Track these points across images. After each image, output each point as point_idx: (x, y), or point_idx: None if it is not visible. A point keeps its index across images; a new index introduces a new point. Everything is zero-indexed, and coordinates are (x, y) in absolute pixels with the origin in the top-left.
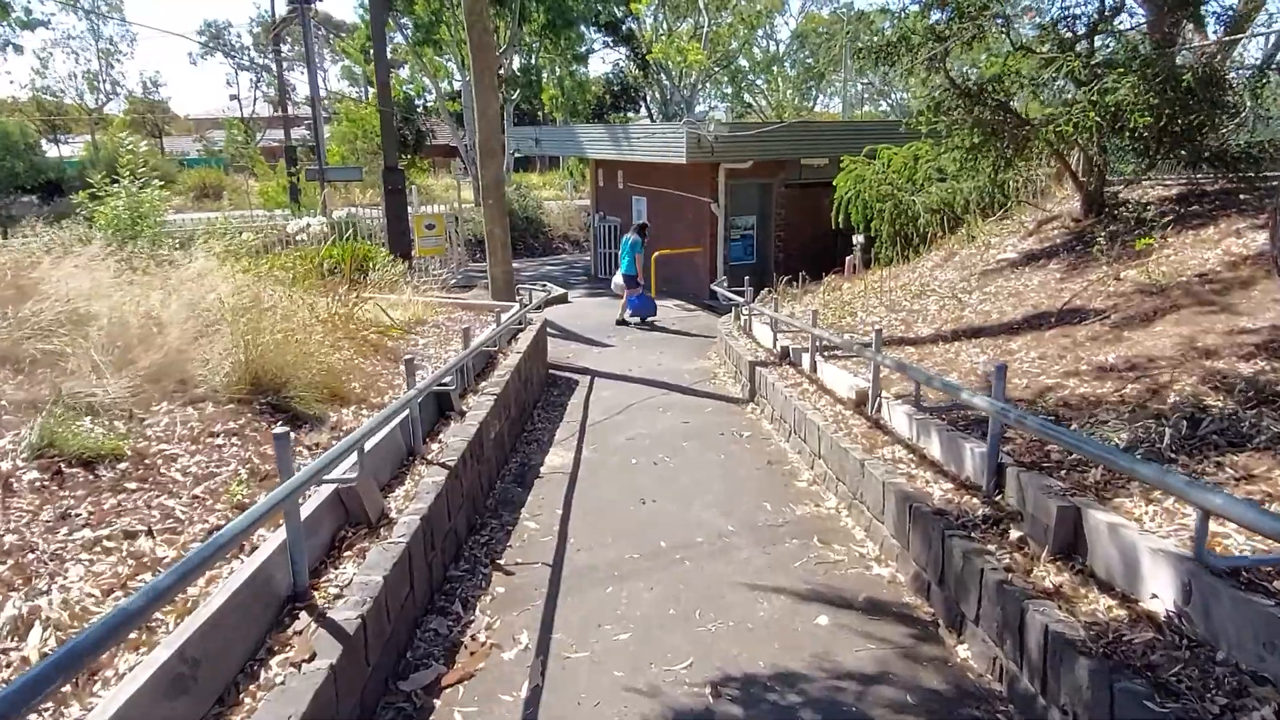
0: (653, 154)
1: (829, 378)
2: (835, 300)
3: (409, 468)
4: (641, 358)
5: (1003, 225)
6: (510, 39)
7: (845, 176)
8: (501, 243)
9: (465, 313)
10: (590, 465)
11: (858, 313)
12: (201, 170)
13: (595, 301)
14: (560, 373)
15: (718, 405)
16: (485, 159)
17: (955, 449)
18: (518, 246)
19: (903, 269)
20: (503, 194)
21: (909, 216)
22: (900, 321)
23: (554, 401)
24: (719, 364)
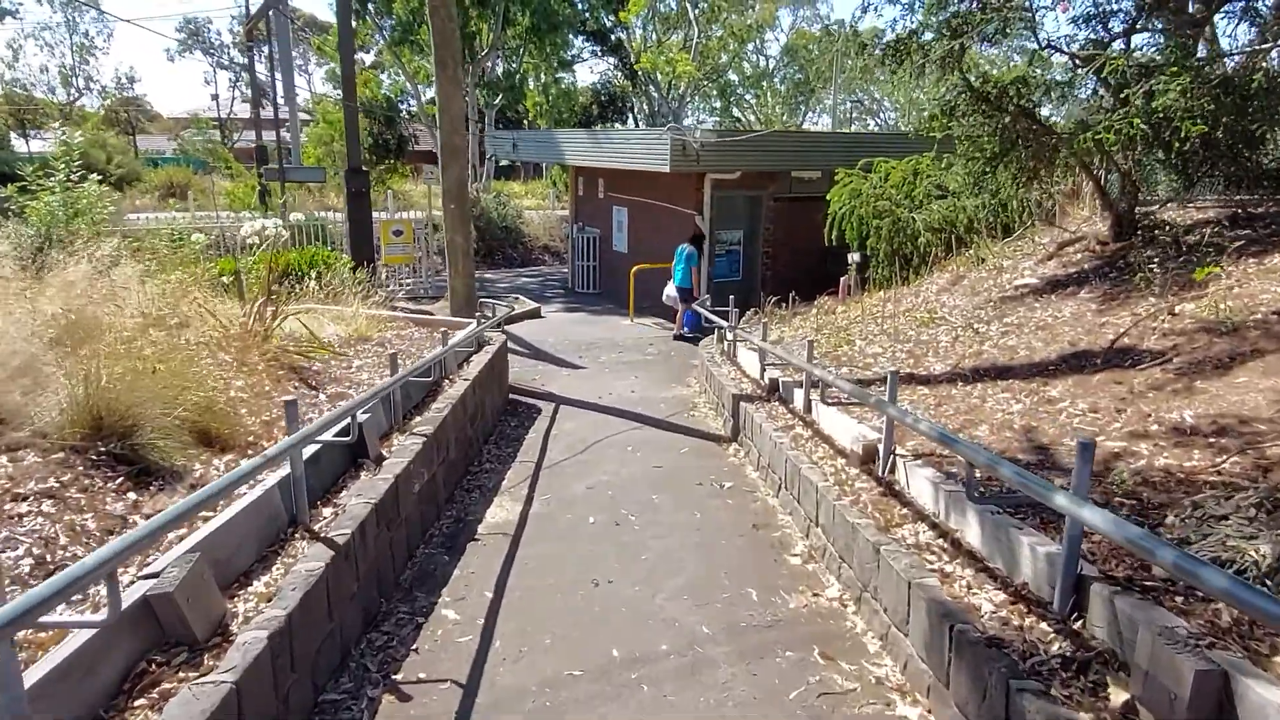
0: (635, 161)
1: (827, 422)
2: (829, 325)
3: (286, 543)
4: (614, 383)
5: (1014, 247)
6: (493, 42)
7: (840, 190)
8: (463, 252)
9: (417, 329)
10: (539, 523)
11: (856, 341)
12: (169, 169)
13: (571, 317)
14: (522, 398)
15: (696, 444)
16: (447, 159)
17: (1006, 542)
18: (495, 257)
19: (904, 292)
20: (466, 198)
21: (908, 235)
22: (907, 354)
23: (509, 435)
24: (699, 391)
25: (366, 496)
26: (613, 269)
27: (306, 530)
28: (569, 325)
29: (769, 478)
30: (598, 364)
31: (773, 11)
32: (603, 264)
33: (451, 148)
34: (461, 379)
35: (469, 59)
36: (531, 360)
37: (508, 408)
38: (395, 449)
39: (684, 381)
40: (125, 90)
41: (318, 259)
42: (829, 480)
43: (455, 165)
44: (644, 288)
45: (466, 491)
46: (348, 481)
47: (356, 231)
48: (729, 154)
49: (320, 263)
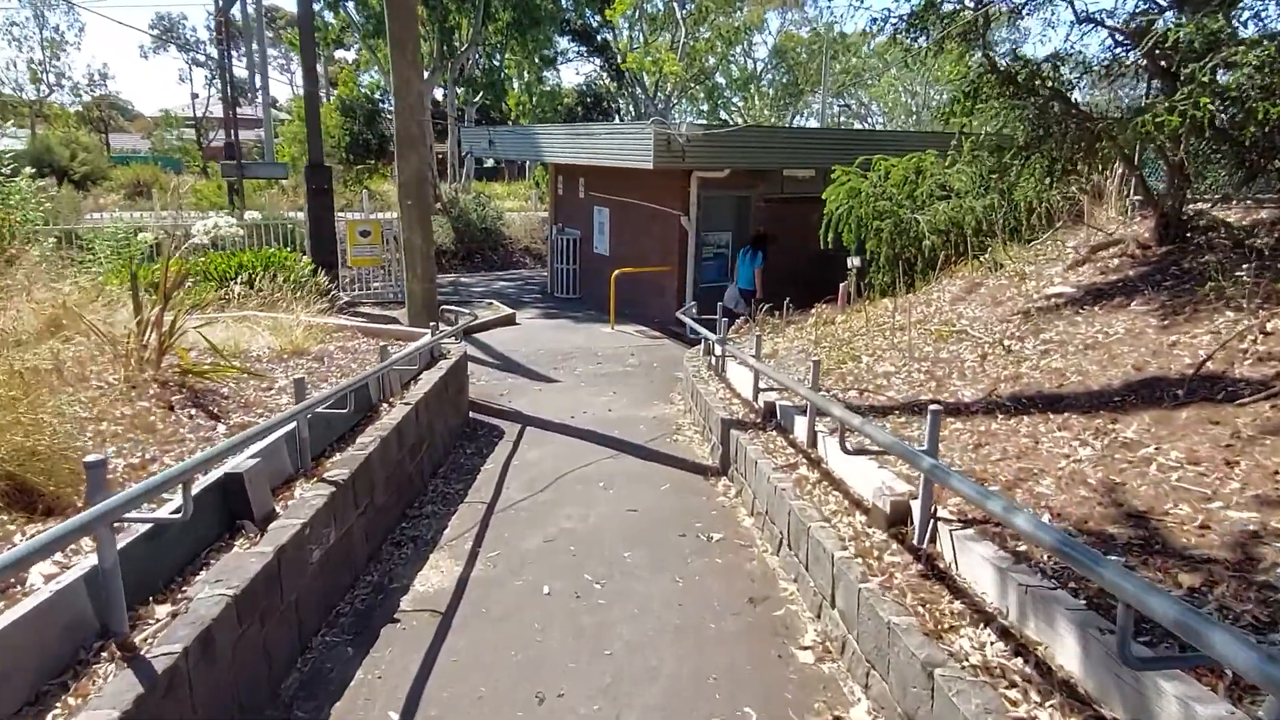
0: (617, 158)
1: (838, 461)
2: (830, 338)
3: (87, 667)
4: (590, 399)
5: (1034, 252)
6: (473, 37)
7: (837, 190)
8: (422, 254)
9: (367, 340)
10: (480, 594)
11: (862, 357)
12: (137, 167)
13: (548, 324)
14: (485, 419)
15: (679, 478)
16: (404, 150)
17: (1135, 686)
18: (474, 259)
19: (911, 300)
20: (427, 194)
21: (911, 237)
22: (926, 374)
23: (463, 466)
24: (684, 411)
25: (227, 584)
26: (593, 273)
27: (122, 646)
28: (545, 333)
29: (767, 528)
30: (573, 377)
31: (761, 14)
32: (583, 267)
33: (408, 137)
34: (403, 403)
35: (447, 55)
36: (500, 373)
37: (466, 430)
38: (293, 504)
39: (667, 398)
40: (98, 87)
41: (274, 261)
42: (848, 547)
43: (413, 156)
44: (626, 293)
45: (397, 545)
46: (213, 556)
47: (318, 231)
48: (717, 150)
49: (277, 265)
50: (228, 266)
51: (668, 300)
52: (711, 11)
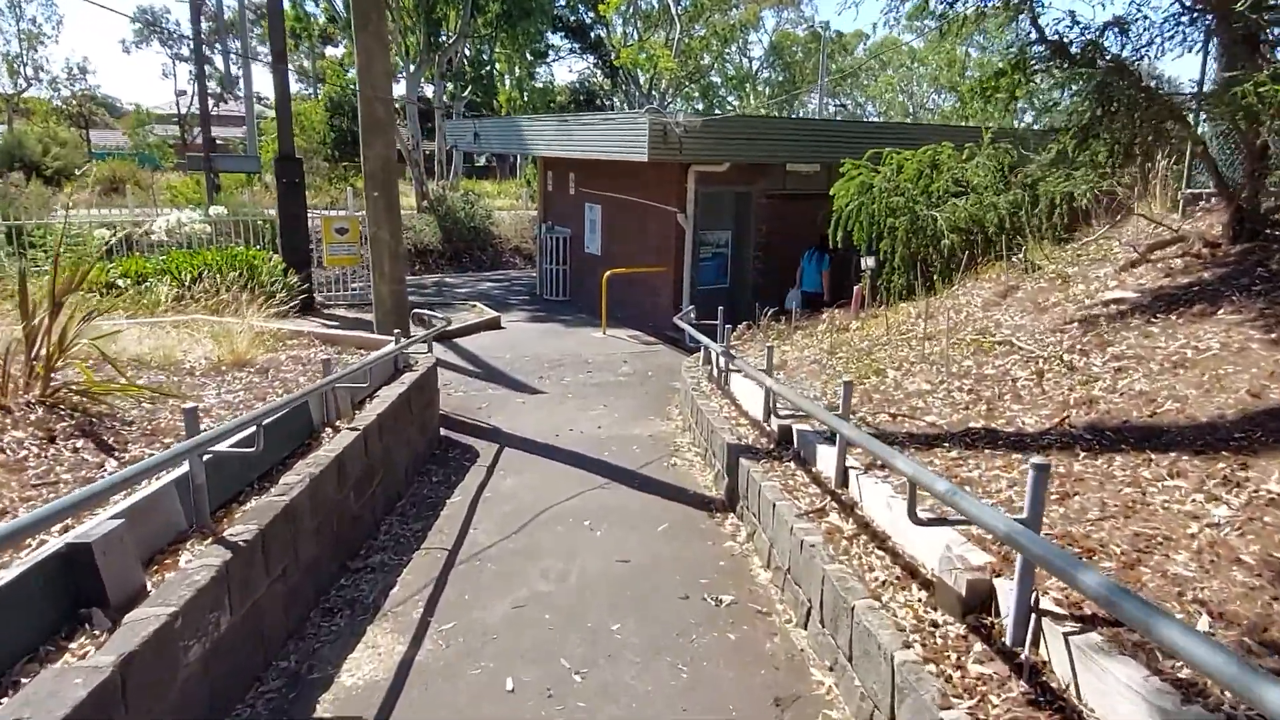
0: (610, 150)
1: (879, 510)
2: (846, 346)
3: None
4: (577, 413)
5: (1072, 251)
6: (461, 29)
7: (846, 185)
8: (390, 252)
9: (324, 348)
10: (423, 692)
11: (888, 371)
12: (113, 163)
13: (535, 328)
14: (459, 437)
15: (679, 515)
16: (369, 135)
17: None
18: (463, 259)
19: (935, 305)
20: (394, 184)
21: (928, 236)
22: (970, 394)
23: (425, 499)
24: (683, 428)
25: None
26: (585, 273)
27: None
28: (532, 338)
29: (789, 589)
30: (560, 387)
31: (756, 12)
32: (574, 268)
33: (374, 120)
34: (350, 427)
35: (434, 47)
36: (480, 382)
37: (435, 452)
38: (170, 580)
39: (664, 413)
40: (78, 81)
41: (241, 259)
42: (911, 643)
43: (379, 143)
44: (619, 295)
45: (329, 614)
46: (32, 666)
47: (290, 228)
48: (716, 141)
49: (244, 264)
50: (189, 265)
51: (663, 303)
52: (706, 9)
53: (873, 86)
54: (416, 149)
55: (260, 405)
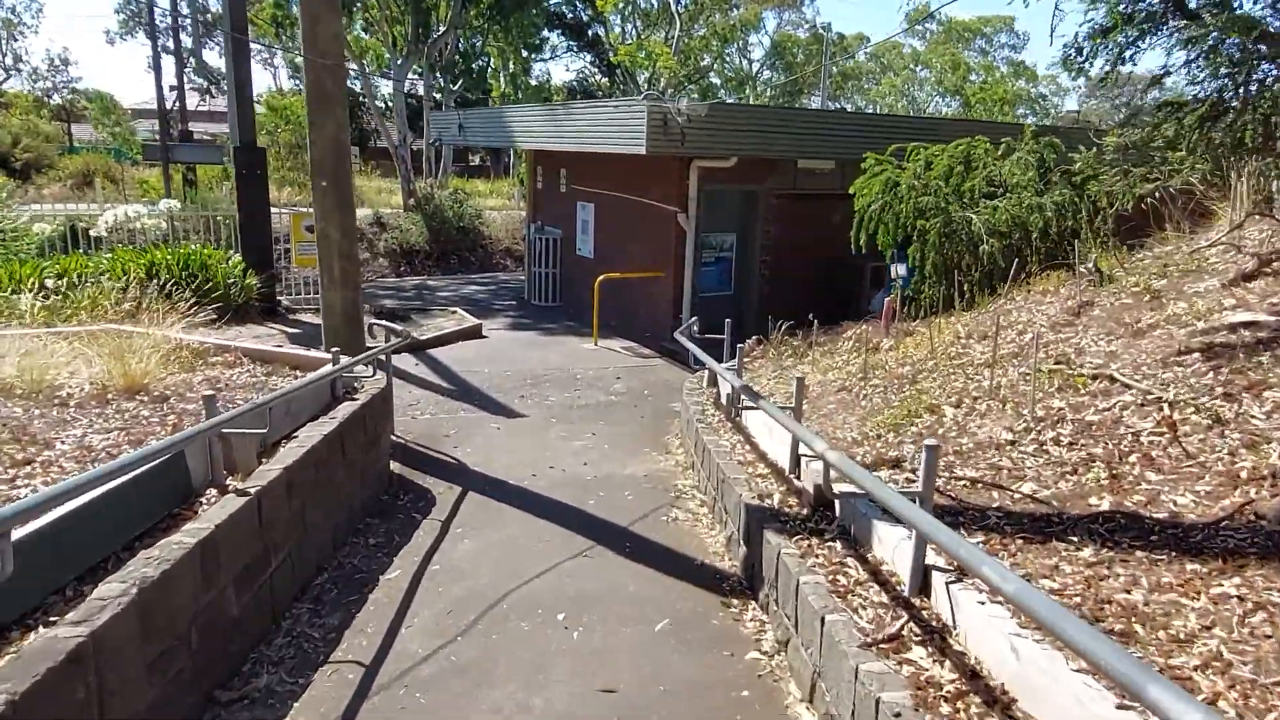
0: (604, 141)
1: (1000, 656)
2: (881, 371)
3: None
4: (561, 444)
5: (1151, 260)
6: (452, 19)
7: (869, 182)
8: (340, 251)
9: (252, 368)
10: None
11: (944, 408)
12: (87, 156)
13: (519, 338)
14: (415, 476)
15: (684, 603)
16: (316, 113)
17: None
18: (450, 260)
19: (984, 320)
20: (347, 173)
21: (964, 241)
22: (1077, 452)
23: (353, 574)
24: (684, 465)
25: None
26: (576, 278)
27: None
28: (515, 349)
29: None
30: (543, 409)
31: (758, 13)
32: (564, 272)
33: (321, 95)
34: (237, 492)
35: (423, 38)
36: (452, 402)
37: (383, 498)
38: None
39: (661, 442)
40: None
41: (194, 259)
42: None
43: (328, 122)
44: (612, 302)
45: None
46: None
47: (250, 224)
48: (722, 133)
49: (197, 264)
50: (136, 265)
51: (661, 311)
52: (707, 8)
53: (875, 90)
54: (403, 145)
55: (123, 455)
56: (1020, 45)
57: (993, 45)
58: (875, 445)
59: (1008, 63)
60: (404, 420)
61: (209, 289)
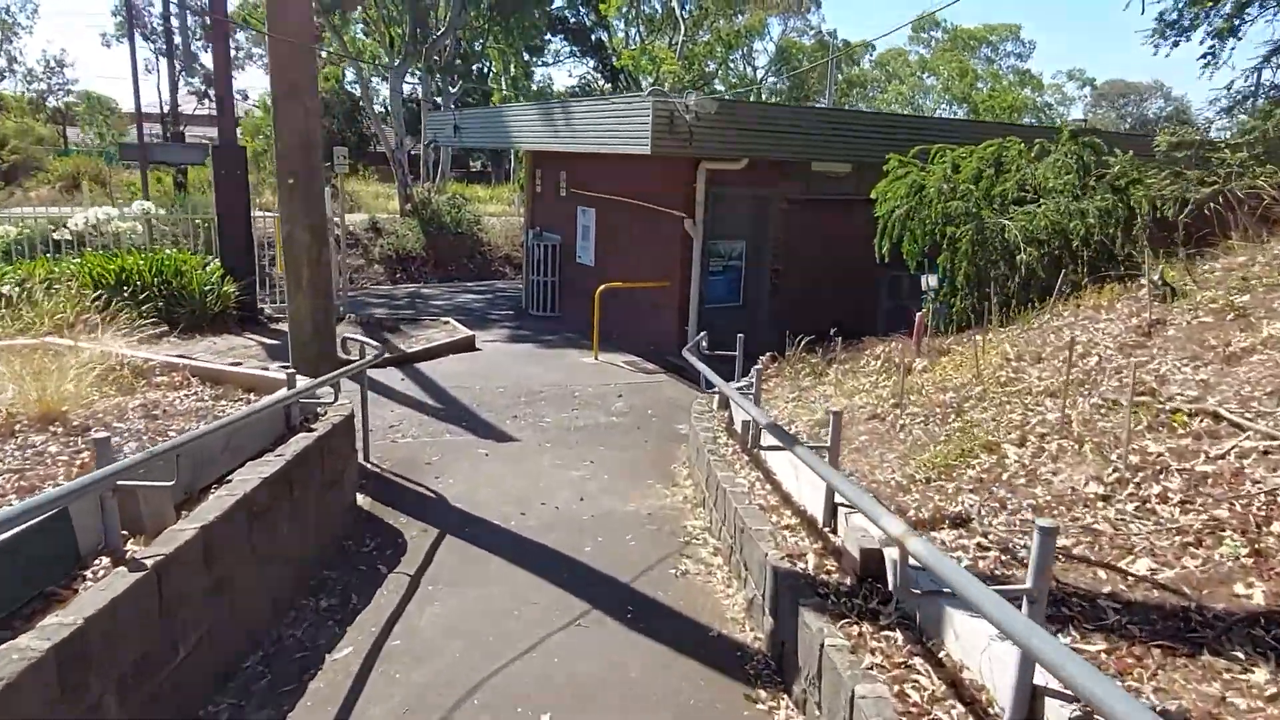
0: (606, 141)
1: None
2: (919, 397)
3: None
4: (556, 474)
5: (1224, 272)
6: (451, 20)
7: (894, 185)
8: (310, 256)
9: (200, 389)
10: None
11: (1006, 451)
12: (77, 159)
13: (514, 351)
14: (387, 514)
15: (699, 694)
16: (282, 101)
17: None
18: (448, 267)
19: (1030, 338)
20: (317, 169)
21: (998, 250)
22: (1202, 518)
23: (293, 651)
24: (694, 501)
25: None
26: (575, 287)
27: None
28: (510, 363)
29: None
30: (537, 431)
31: (762, 19)
32: (563, 280)
33: (288, 82)
34: (130, 565)
35: (421, 39)
36: (438, 423)
37: (347, 543)
38: None
39: (667, 472)
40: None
41: (168, 265)
42: None
43: (296, 111)
44: (614, 313)
45: None
46: None
47: (229, 228)
48: (733, 132)
49: (171, 270)
50: (106, 271)
51: (665, 323)
52: (711, 13)
53: (880, 98)
54: (400, 149)
55: None
56: (1026, 54)
57: (998, 54)
58: (925, 493)
59: (1014, 71)
60: (382, 445)
61: (182, 296)
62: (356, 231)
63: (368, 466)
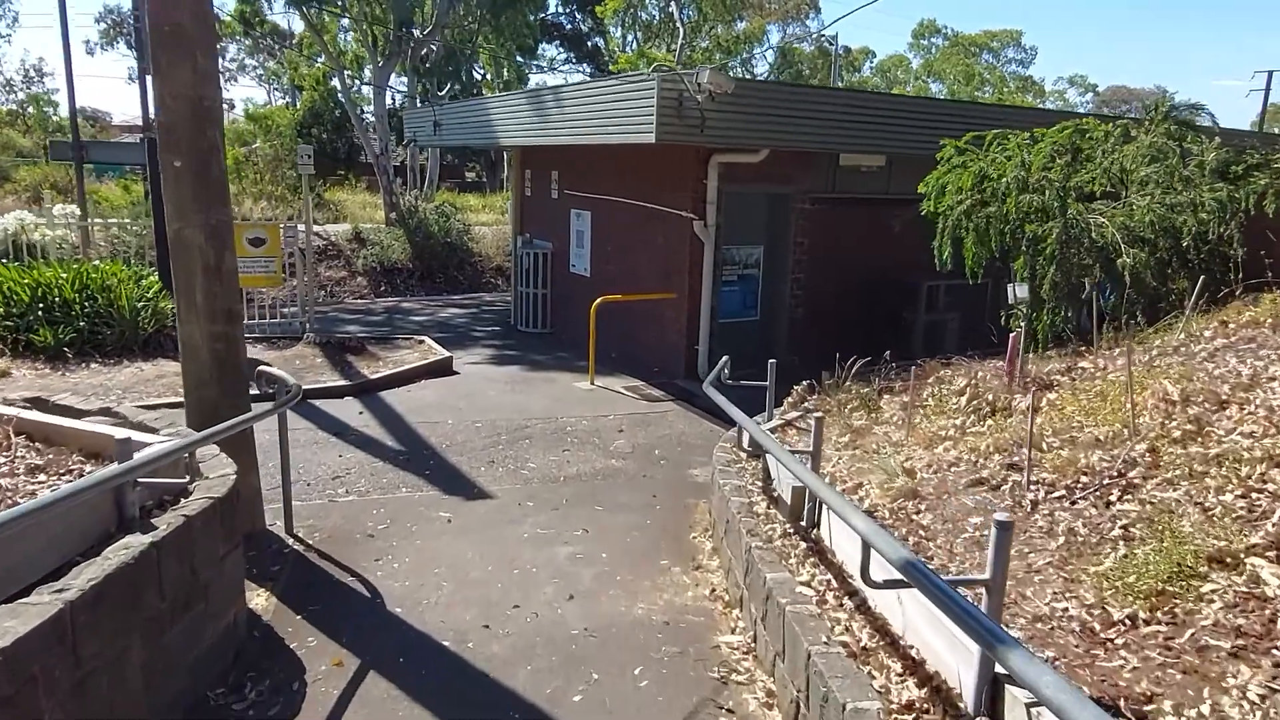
0: (604, 131)
1: None
2: (1052, 455)
3: None
4: (536, 552)
5: None
6: (437, 18)
7: (950, 177)
8: (204, 264)
9: (21, 455)
10: None
11: (1257, 569)
12: (46, 167)
13: (498, 375)
14: (294, 627)
15: None
16: (165, 53)
17: None
18: (436, 279)
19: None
20: (214, 149)
21: (1090, 252)
22: None
23: None
24: (724, 599)
25: None
26: (569, 300)
27: None
28: (491, 390)
29: None
30: (517, 483)
31: (762, 26)
32: (556, 292)
33: (169, 23)
34: None
35: (406, 38)
36: (395, 471)
37: (214, 694)
38: None
39: (685, 545)
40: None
41: (94, 279)
42: None
43: (182, 69)
44: (613, 330)
45: None
46: None
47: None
48: (751, 117)
49: (97, 285)
50: (17, 287)
51: (672, 341)
52: (710, 18)
53: None
54: (385, 154)
55: None
56: (1028, 60)
57: (1000, 60)
58: (1142, 649)
59: (1015, 77)
60: (316, 506)
61: (110, 315)
62: (339, 242)
63: (288, 543)
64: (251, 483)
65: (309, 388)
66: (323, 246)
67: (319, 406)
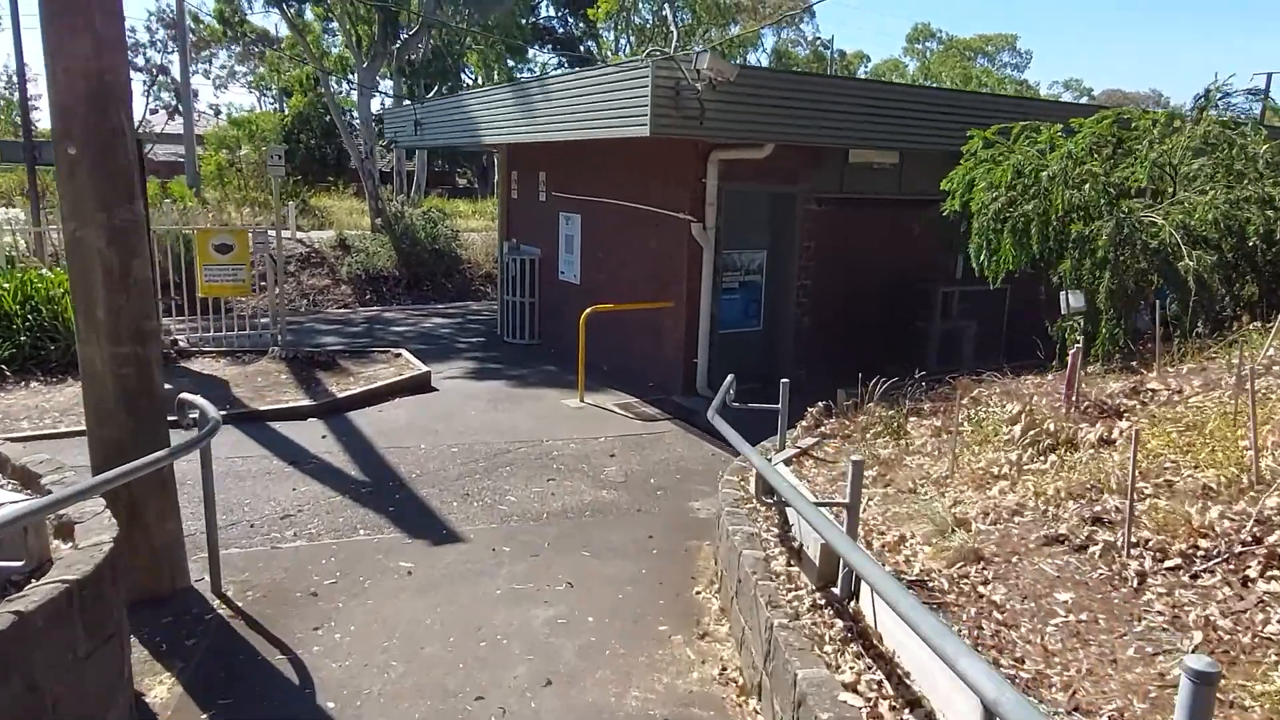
0: (595, 125)
1: None
2: (1113, 492)
3: None
4: (512, 614)
5: None
6: (424, 18)
7: (980, 172)
8: (109, 271)
9: None
10: None
11: None
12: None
13: (478, 391)
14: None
15: None
16: (55, 11)
17: None
18: (423, 287)
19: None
20: (119, 138)
21: (1146, 255)
22: None
23: None
24: (739, 684)
25: None
26: (558, 309)
27: None
28: (471, 409)
29: None
30: (493, 522)
31: (756, 30)
32: (543, 301)
33: None
34: None
35: (391, 38)
36: (356, 508)
37: None
38: None
39: (687, 600)
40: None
41: (38, 289)
42: None
43: (79, 37)
44: (604, 341)
45: None
46: None
47: None
48: (754, 108)
49: (41, 296)
50: None
51: (668, 354)
52: (704, 22)
53: None
54: (370, 158)
55: None
56: (1023, 64)
57: (995, 64)
58: None
59: (1011, 81)
60: (258, 553)
61: (55, 329)
62: (323, 249)
63: (212, 605)
64: (171, 531)
65: (266, 409)
66: (306, 254)
67: (278, 430)
